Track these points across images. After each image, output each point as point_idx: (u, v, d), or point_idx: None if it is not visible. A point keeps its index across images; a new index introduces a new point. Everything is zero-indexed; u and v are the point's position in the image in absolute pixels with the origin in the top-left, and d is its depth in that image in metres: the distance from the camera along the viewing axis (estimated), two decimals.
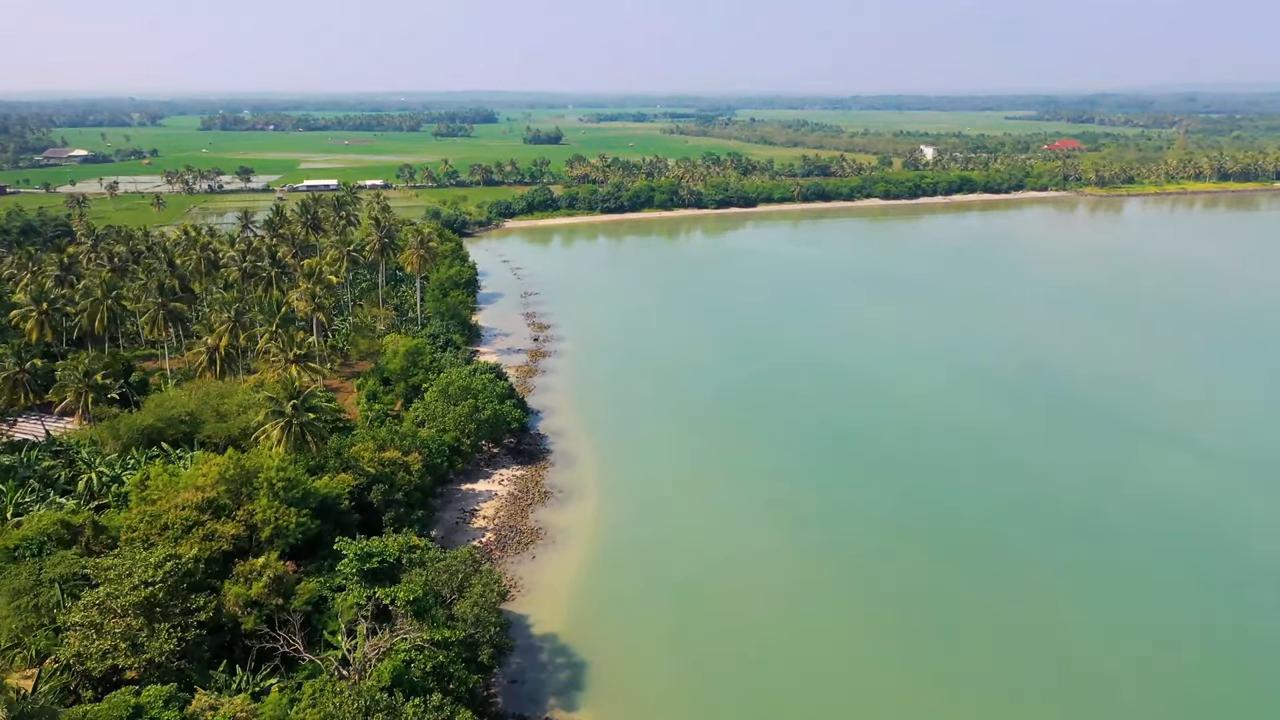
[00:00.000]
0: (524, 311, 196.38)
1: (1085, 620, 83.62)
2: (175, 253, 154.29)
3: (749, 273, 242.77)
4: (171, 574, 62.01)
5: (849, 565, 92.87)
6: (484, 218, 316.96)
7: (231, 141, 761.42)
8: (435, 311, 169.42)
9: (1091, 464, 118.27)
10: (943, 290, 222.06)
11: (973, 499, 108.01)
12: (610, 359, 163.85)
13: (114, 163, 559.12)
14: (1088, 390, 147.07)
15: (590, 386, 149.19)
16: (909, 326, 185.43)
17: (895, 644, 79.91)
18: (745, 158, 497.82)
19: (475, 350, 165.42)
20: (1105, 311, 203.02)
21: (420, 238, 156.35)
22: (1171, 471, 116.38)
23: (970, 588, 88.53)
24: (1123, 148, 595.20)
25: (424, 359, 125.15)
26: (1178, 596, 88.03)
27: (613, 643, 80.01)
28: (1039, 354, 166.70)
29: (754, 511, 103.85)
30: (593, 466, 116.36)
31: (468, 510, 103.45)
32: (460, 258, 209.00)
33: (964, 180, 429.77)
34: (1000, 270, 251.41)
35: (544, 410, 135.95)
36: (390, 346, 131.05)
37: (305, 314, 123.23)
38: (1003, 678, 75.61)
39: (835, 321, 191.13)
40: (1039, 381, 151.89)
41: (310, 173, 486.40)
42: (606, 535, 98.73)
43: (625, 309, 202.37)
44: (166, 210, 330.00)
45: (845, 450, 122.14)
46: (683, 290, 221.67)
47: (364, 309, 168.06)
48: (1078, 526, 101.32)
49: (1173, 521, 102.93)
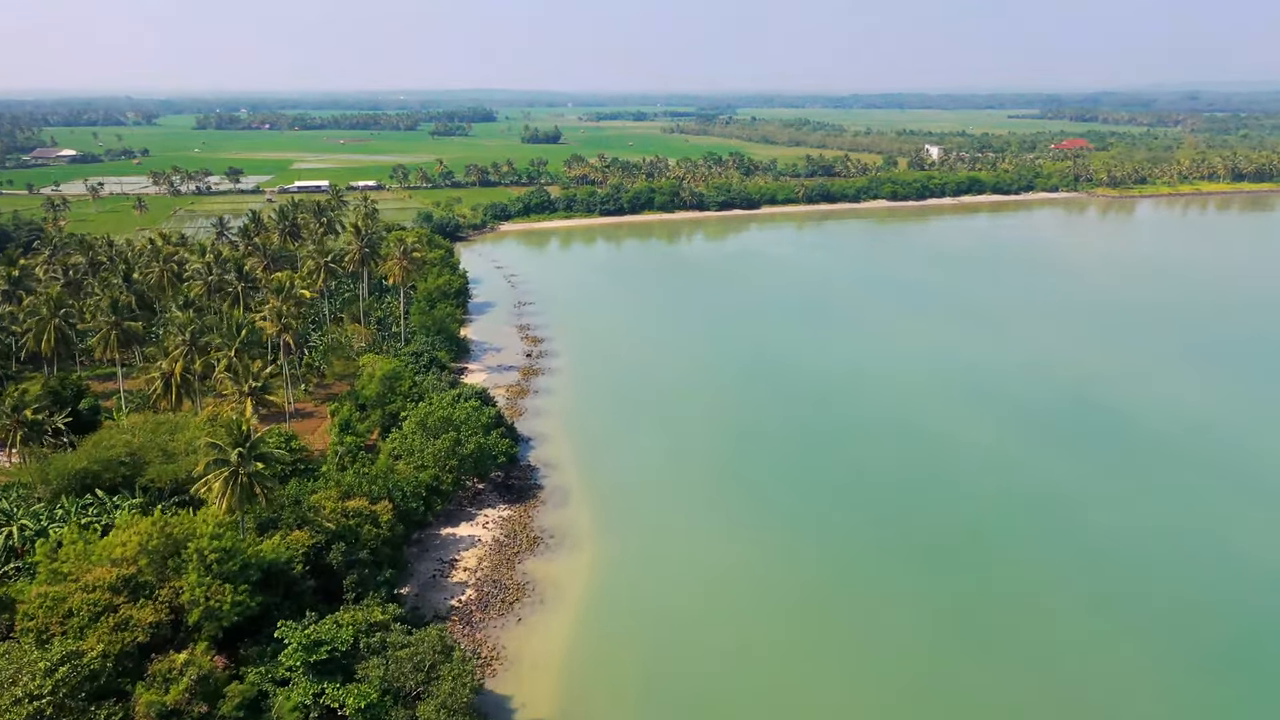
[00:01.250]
0: (517, 323, 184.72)
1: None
2: (138, 264, 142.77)
3: (755, 281, 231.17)
4: (66, 681, 50.51)
5: (890, 669, 75.81)
6: (478, 221, 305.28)
7: (226, 141, 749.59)
8: (421, 326, 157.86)
9: (1180, 533, 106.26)
10: (966, 302, 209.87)
11: (1058, 606, 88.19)
12: (608, 378, 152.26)
13: (104, 163, 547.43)
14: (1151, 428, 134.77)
15: (586, 410, 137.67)
16: (938, 347, 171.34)
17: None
18: (747, 157, 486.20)
19: (464, 368, 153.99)
20: (1150, 329, 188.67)
21: (403, 248, 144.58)
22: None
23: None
24: (1132, 147, 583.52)
25: (402, 384, 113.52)
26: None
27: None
28: (1090, 385, 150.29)
29: (772, 584, 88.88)
30: (587, 507, 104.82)
31: (446, 561, 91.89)
32: (450, 265, 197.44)
33: (973, 181, 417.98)
34: (1024, 279, 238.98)
35: (536, 438, 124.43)
36: (367, 369, 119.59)
37: (272, 335, 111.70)
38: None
39: (853, 337, 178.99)
40: (1093, 420, 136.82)
41: (302, 173, 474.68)
42: (602, 597, 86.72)
43: (624, 321, 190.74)
44: (149, 213, 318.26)
45: (879, 513, 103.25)
46: (686, 300, 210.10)
47: (344, 323, 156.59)
48: (1183, 635, 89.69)
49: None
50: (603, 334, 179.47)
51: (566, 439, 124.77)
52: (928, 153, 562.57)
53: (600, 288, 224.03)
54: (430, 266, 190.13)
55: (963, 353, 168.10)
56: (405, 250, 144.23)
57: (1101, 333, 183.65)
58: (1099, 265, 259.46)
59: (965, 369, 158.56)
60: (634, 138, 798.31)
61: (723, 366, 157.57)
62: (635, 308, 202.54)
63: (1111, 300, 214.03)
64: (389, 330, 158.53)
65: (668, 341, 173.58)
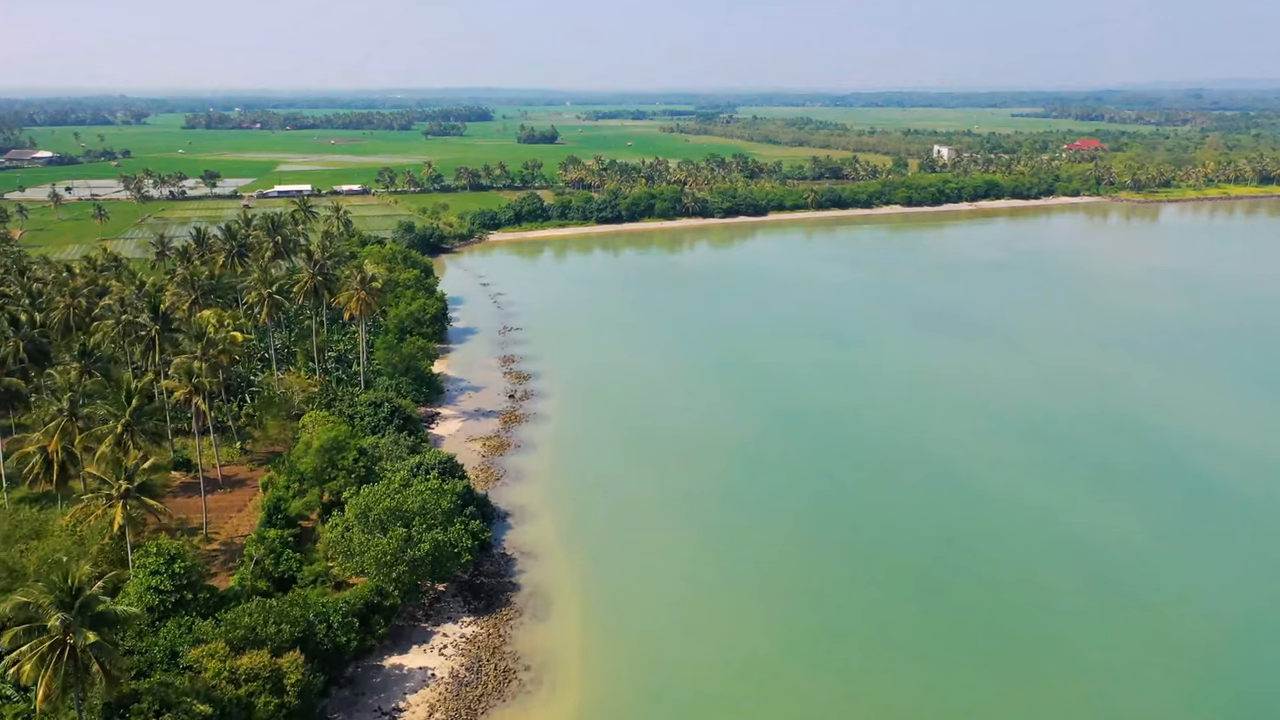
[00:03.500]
0: (501, 355, 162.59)
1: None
2: (50, 294, 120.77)
3: (769, 300, 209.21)
4: None
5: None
6: (465, 231, 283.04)
7: (214, 141, 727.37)
8: (386, 364, 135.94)
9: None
10: (1004, 325, 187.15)
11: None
12: (604, 427, 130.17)
13: (82, 165, 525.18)
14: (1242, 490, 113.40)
15: (577, 471, 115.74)
16: (977, 380, 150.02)
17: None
18: (751, 159, 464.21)
19: (436, 413, 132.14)
20: (1212, 357, 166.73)
21: (360, 278, 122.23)
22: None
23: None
24: (1149, 148, 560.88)
25: (346, 456, 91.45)
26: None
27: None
28: (1150, 421, 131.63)
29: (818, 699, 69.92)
30: (575, 617, 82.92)
31: (386, 712, 69.96)
32: (427, 287, 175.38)
33: (990, 185, 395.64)
34: (1063, 297, 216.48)
35: (514, 512, 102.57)
36: (305, 435, 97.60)
37: (181, 398, 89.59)
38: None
39: (883, 374, 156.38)
40: (1156, 464, 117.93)
41: (286, 176, 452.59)
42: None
43: (623, 350, 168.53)
44: (111, 222, 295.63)
45: (945, 628, 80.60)
46: (692, 324, 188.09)
47: (296, 361, 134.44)
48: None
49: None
50: (597, 367, 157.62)
51: (551, 513, 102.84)
52: (939, 154, 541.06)
53: (595, 308, 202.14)
54: (403, 290, 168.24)
55: (1003, 384, 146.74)
56: (364, 280, 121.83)
57: (1160, 360, 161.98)
58: (1143, 280, 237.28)
59: (1007, 403, 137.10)
60: (633, 137, 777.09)
61: (740, 410, 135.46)
62: (635, 333, 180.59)
63: (1164, 322, 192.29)
64: (348, 369, 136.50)
65: (673, 378, 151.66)
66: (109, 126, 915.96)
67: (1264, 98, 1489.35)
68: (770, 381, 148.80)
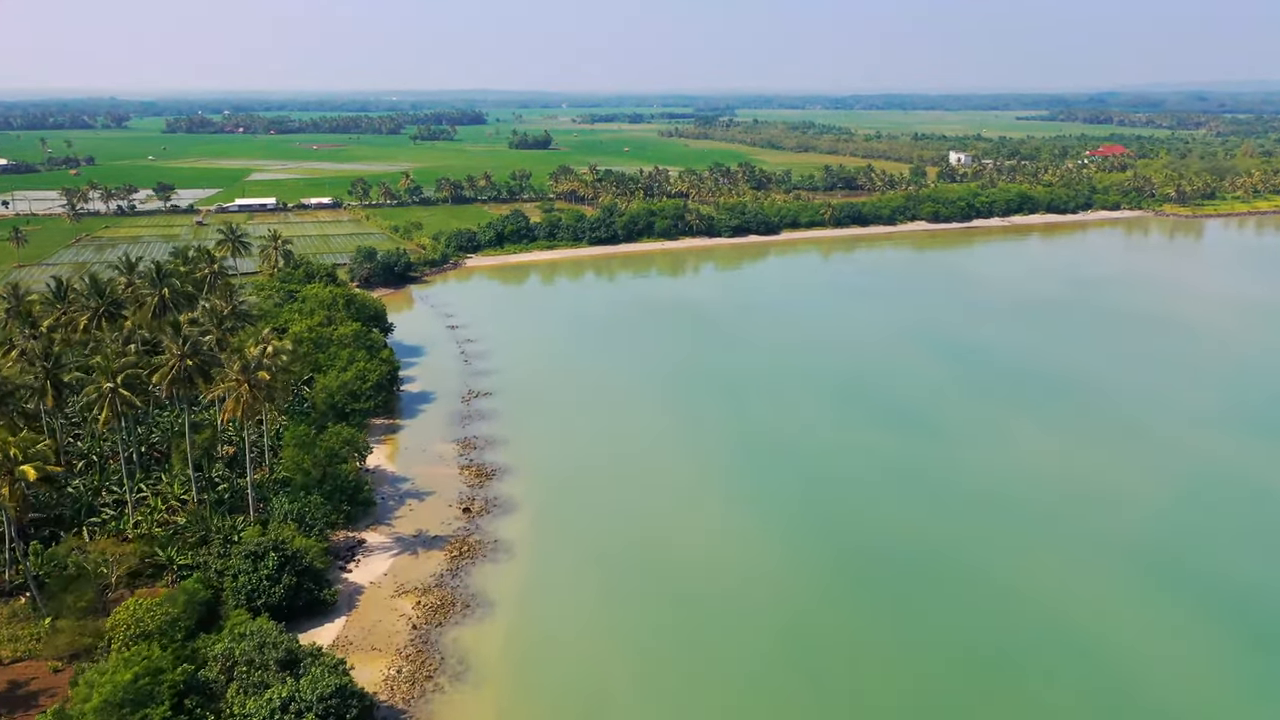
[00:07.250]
0: (460, 438, 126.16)
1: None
2: None
3: (802, 353, 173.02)
4: None
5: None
6: (438, 255, 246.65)
7: (191, 146, 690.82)
8: (296, 468, 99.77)
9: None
10: (1114, 403, 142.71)
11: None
12: (591, 571, 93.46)
13: (40, 173, 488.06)
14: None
15: (550, 666, 79.71)
16: (1133, 515, 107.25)
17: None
18: (757, 168, 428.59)
19: (359, 541, 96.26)
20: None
21: (241, 363, 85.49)
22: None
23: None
24: (1179, 155, 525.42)
25: (155, 711, 54.96)
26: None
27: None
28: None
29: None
30: None
31: None
32: (370, 346, 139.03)
33: (1023, 198, 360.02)
34: (1179, 358, 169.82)
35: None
36: (89, 675, 60.43)
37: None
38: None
39: (975, 484, 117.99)
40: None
41: (254, 187, 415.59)
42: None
43: (622, 438, 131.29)
44: (38, 244, 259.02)
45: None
46: (706, 391, 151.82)
47: (161, 478, 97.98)
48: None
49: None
50: (585, 458, 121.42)
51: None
52: (960, 161, 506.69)
53: (584, 362, 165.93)
54: (338, 350, 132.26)
55: (1152, 507, 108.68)
56: (248, 366, 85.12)
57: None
58: (1242, 320, 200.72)
59: (1171, 545, 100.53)
60: (630, 141, 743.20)
61: (789, 552, 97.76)
62: (636, 406, 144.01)
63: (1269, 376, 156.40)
64: (234, 486, 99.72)
65: (691, 489, 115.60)
66: (87, 130, 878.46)
67: (1270, 100, 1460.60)
68: (826, 499, 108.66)
